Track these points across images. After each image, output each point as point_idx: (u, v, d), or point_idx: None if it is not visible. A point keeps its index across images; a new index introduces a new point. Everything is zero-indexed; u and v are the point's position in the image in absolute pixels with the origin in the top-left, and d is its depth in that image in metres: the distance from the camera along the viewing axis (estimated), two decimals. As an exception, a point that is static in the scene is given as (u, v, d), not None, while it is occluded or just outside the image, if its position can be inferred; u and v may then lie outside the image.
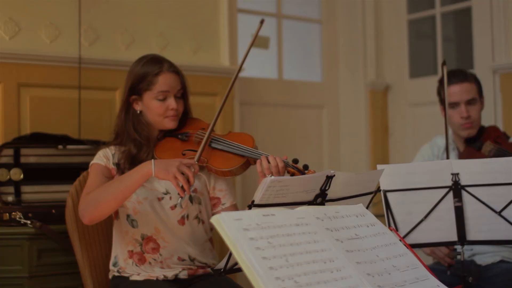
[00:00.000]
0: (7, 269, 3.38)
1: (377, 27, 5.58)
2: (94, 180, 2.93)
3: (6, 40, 3.85)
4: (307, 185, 2.08)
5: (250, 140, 2.92)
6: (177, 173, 2.62)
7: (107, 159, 2.99)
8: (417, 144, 4.10)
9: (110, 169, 2.97)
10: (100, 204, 2.79)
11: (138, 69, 2.98)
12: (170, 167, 2.64)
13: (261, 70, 5.27)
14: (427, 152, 3.78)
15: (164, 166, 2.66)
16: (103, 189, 2.80)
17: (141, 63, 3.00)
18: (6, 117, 3.80)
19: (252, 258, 1.56)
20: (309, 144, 5.43)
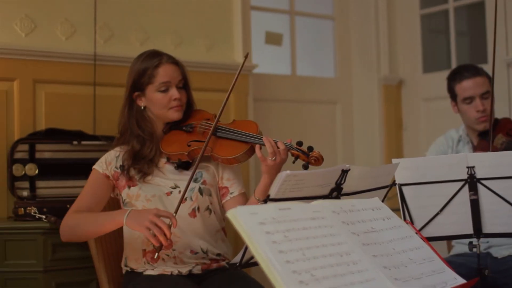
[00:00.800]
0: (22, 263, 3.41)
1: (390, 22, 5.57)
2: (86, 193, 2.96)
3: (22, 36, 3.87)
4: (322, 179, 2.08)
5: (254, 126, 2.91)
6: (150, 225, 2.60)
7: (109, 164, 2.98)
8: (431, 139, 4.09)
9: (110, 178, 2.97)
10: (77, 233, 2.86)
11: (138, 65, 2.97)
12: (143, 219, 2.62)
13: (275, 66, 5.27)
14: (443, 143, 3.77)
15: (137, 218, 2.65)
16: (82, 221, 2.83)
17: (141, 59, 3.00)
18: (22, 113, 3.81)
19: (269, 252, 1.57)
20: (323, 139, 5.43)
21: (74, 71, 4.00)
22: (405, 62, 5.61)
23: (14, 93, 3.82)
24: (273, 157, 2.73)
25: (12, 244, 3.41)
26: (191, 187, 2.93)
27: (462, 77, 3.63)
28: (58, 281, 3.44)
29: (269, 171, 2.77)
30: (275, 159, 2.73)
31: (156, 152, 2.97)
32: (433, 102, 5.38)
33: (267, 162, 2.74)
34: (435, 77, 5.36)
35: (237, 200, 3.01)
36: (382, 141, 5.51)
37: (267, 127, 5.00)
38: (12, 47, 3.81)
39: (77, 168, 3.78)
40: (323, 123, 5.45)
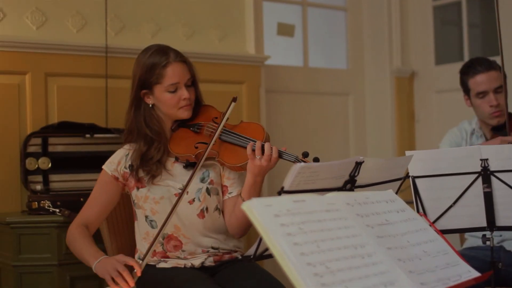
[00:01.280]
0: (37, 257, 3.42)
1: (403, 14, 5.55)
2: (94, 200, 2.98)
3: (33, 30, 3.88)
4: (336, 171, 2.07)
5: (261, 132, 2.85)
6: (111, 271, 2.63)
7: (118, 164, 2.98)
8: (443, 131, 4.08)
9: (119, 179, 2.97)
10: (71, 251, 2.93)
11: (145, 62, 2.92)
12: (107, 265, 2.66)
13: (287, 58, 5.27)
14: (456, 135, 3.75)
15: (103, 265, 2.68)
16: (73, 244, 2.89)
17: (147, 55, 2.93)
18: (34, 106, 3.82)
19: (284, 244, 1.56)
20: (335, 131, 5.42)
21: (85, 63, 4.00)
22: (417, 54, 5.59)
23: (26, 87, 3.83)
24: (258, 155, 2.71)
25: (26, 238, 3.43)
26: (199, 188, 2.92)
27: (475, 71, 3.61)
28: (73, 274, 3.45)
29: (254, 171, 2.75)
30: (260, 158, 2.71)
31: (164, 152, 2.95)
32: (445, 94, 5.37)
33: (254, 161, 2.73)
34: (448, 69, 5.35)
35: (234, 201, 2.98)
36: (394, 133, 5.50)
37: (278, 118, 5.00)
38: (24, 40, 3.81)
39: (90, 161, 3.79)
40: (335, 115, 5.45)
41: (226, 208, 3.00)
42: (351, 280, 1.58)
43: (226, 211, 2.99)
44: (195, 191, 2.91)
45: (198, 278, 2.79)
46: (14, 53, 3.78)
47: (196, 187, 2.92)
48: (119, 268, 2.62)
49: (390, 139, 5.50)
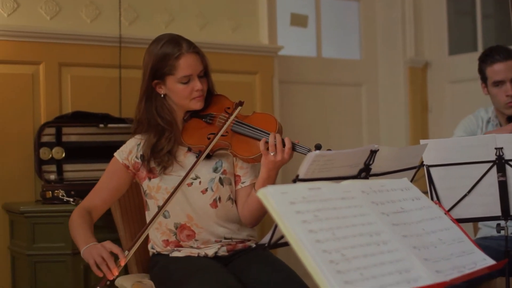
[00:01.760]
0: (51, 246, 3.44)
1: (416, 4, 5.53)
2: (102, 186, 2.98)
3: (47, 20, 3.89)
4: (351, 159, 2.07)
5: (273, 124, 2.83)
6: (95, 256, 2.62)
7: (129, 153, 2.97)
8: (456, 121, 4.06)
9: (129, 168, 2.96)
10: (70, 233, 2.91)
11: (157, 52, 2.90)
12: (93, 252, 2.64)
13: (300, 48, 5.26)
14: (472, 122, 3.73)
15: (90, 250, 2.67)
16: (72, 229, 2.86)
17: (159, 45, 2.91)
18: (48, 96, 3.83)
19: (299, 231, 1.56)
20: (348, 122, 5.42)
21: (99, 53, 4.01)
22: (431, 44, 5.58)
23: (40, 77, 3.84)
24: (272, 152, 2.70)
25: (40, 227, 3.44)
26: (211, 178, 2.92)
27: (494, 60, 3.59)
28: (87, 263, 3.43)
29: (268, 166, 2.74)
30: (274, 154, 2.71)
31: (175, 142, 2.94)
32: (458, 84, 5.35)
33: (268, 156, 2.72)
34: (461, 59, 5.33)
35: (247, 190, 2.99)
36: (408, 124, 5.49)
37: (292, 109, 5.00)
38: (38, 30, 3.82)
39: (103, 151, 3.79)
40: (348, 105, 5.44)
41: (239, 198, 2.99)
42: (366, 268, 1.58)
43: (239, 201, 2.99)
44: (208, 181, 2.91)
45: (211, 267, 2.79)
46: (28, 43, 3.79)
47: (209, 177, 2.91)
48: (104, 255, 2.61)
49: (403, 129, 5.49)
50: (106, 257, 2.61)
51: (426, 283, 1.65)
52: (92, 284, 3.47)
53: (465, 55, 5.30)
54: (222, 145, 2.87)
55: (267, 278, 2.77)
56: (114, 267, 2.60)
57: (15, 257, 3.64)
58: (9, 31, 3.72)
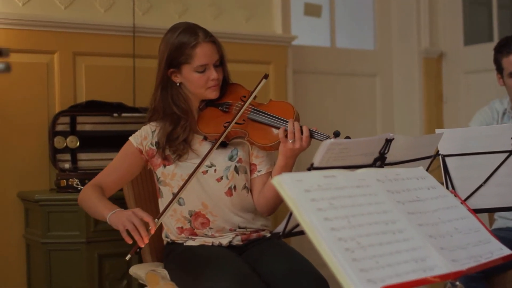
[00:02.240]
0: (66, 235, 3.45)
1: (431, -6, 5.51)
2: (114, 166, 2.98)
3: (61, 9, 3.89)
4: (366, 148, 2.06)
5: (290, 111, 2.83)
6: (126, 222, 2.61)
7: (145, 138, 2.97)
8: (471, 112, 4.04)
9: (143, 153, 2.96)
10: (84, 209, 2.93)
11: (173, 41, 2.89)
12: (121, 216, 2.64)
13: (314, 38, 5.24)
14: (487, 114, 3.70)
15: (118, 215, 2.66)
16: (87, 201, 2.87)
17: (176, 33, 2.91)
18: (62, 85, 3.84)
19: (314, 219, 1.56)
20: (362, 112, 5.40)
21: (113, 43, 4.01)
22: (446, 34, 5.55)
23: (54, 66, 3.85)
24: (291, 139, 2.70)
25: (55, 215, 3.45)
26: (227, 166, 2.92)
27: (510, 50, 3.56)
28: (101, 252, 3.47)
29: (286, 154, 2.74)
30: (293, 142, 2.70)
31: (190, 131, 2.94)
32: (474, 75, 5.32)
33: (286, 144, 2.71)
34: (476, 50, 5.31)
35: (263, 179, 2.98)
36: (422, 115, 5.47)
37: (306, 99, 4.99)
38: (52, 19, 3.83)
39: (117, 140, 3.76)
40: (363, 96, 5.43)
41: (254, 187, 2.99)
42: (382, 256, 1.57)
43: (254, 190, 2.99)
44: (223, 169, 2.90)
45: (226, 256, 2.79)
46: (42, 32, 3.80)
47: (224, 165, 2.91)
48: (135, 222, 2.60)
49: (417, 120, 5.47)
50: (138, 225, 2.59)
51: (442, 272, 1.64)
52: (106, 272, 3.48)
53: (481, 45, 5.28)
54: (239, 133, 2.86)
55: (281, 267, 2.77)
56: (146, 235, 2.59)
57: (30, 245, 3.66)
58: (24, 20, 3.73)
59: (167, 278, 2.95)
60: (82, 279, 3.44)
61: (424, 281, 1.61)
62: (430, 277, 1.61)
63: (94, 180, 2.94)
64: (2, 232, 3.67)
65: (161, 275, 2.97)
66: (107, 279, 3.49)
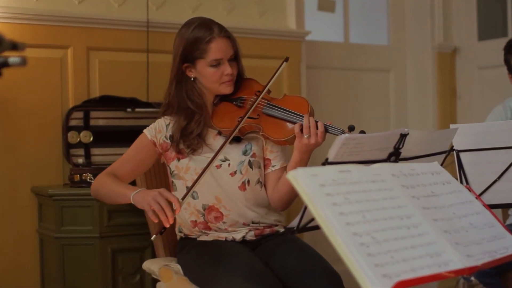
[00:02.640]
0: (79, 229, 3.45)
1: (445, -12, 5.49)
2: (128, 157, 2.99)
3: (75, 4, 3.89)
4: (381, 143, 2.06)
5: (305, 105, 2.83)
6: (152, 202, 2.61)
7: (159, 132, 2.98)
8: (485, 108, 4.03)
9: (157, 145, 2.97)
10: (100, 196, 2.94)
11: (188, 35, 2.90)
12: (147, 196, 2.64)
13: (327, 34, 5.23)
14: (500, 112, 3.69)
15: (142, 195, 2.66)
16: (105, 186, 2.87)
17: (190, 28, 2.91)
18: (76, 80, 3.84)
19: (329, 214, 1.55)
20: (376, 108, 5.39)
21: (127, 38, 4.01)
22: (460, 29, 5.53)
23: (68, 61, 3.85)
24: (306, 134, 2.69)
25: (68, 210, 3.46)
26: (241, 160, 2.92)
27: None
28: (114, 247, 3.47)
29: (301, 149, 2.73)
30: (308, 137, 2.69)
31: (205, 126, 2.95)
32: (488, 70, 5.30)
33: (302, 139, 2.71)
34: (491, 45, 5.28)
35: (277, 174, 2.99)
36: (436, 110, 5.46)
37: (319, 94, 4.98)
38: (66, 14, 3.83)
39: (131, 135, 3.75)
40: (376, 91, 5.41)
41: (268, 182, 2.99)
42: (397, 251, 1.57)
43: (268, 185, 2.99)
44: (237, 163, 2.91)
45: (239, 251, 2.80)
46: (56, 27, 3.80)
47: (238, 159, 2.91)
48: (161, 202, 2.60)
49: (431, 116, 5.45)
50: (164, 205, 2.60)
51: (457, 267, 1.64)
52: (119, 267, 3.48)
53: (495, 40, 5.25)
54: (253, 128, 2.86)
55: (294, 263, 2.77)
56: (171, 215, 2.59)
57: (43, 240, 3.66)
58: (38, 15, 3.73)
59: (180, 273, 2.96)
60: (95, 274, 3.45)
61: (439, 276, 1.61)
62: (445, 272, 1.61)
63: (108, 169, 2.95)
64: (16, 227, 3.68)
65: (174, 270, 2.97)
66: (120, 274, 3.50)
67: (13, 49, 1.42)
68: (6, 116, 3.65)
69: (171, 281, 2.96)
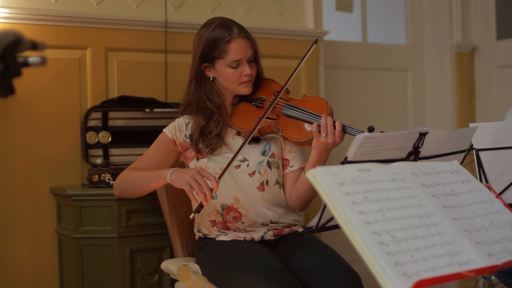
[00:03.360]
0: (98, 229, 3.46)
1: (463, -13, 5.47)
2: (150, 155, 2.98)
3: (93, 5, 3.90)
4: (400, 142, 2.05)
5: (325, 106, 2.83)
6: (191, 180, 2.61)
7: (179, 130, 2.98)
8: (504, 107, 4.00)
9: (177, 144, 2.97)
10: (127, 189, 2.93)
11: (208, 35, 2.90)
12: (185, 175, 2.64)
13: (345, 34, 5.22)
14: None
15: (180, 174, 2.67)
16: (133, 177, 2.88)
17: (210, 28, 2.92)
18: (95, 81, 3.85)
19: (349, 213, 1.55)
20: (394, 107, 5.37)
21: (145, 38, 4.01)
22: (478, 28, 5.50)
23: (86, 61, 3.86)
24: (324, 133, 2.69)
25: (87, 210, 3.46)
26: (260, 160, 2.92)
27: None
28: (132, 247, 3.48)
29: (319, 148, 2.74)
30: (326, 136, 2.69)
31: (224, 125, 2.95)
32: (507, 69, 5.28)
33: (319, 138, 2.71)
34: (509, 44, 5.26)
35: (295, 174, 2.98)
36: (454, 109, 5.43)
37: (337, 94, 4.97)
38: (84, 15, 3.84)
39: (149, 136, 3.77)
40: (394, 91, 5.39)
41: (287, 182, 2.99)
42: (416, 250, 1.57)
43: (287, 185, 2.99)
44: (256, 163, 2.91)
45: (258, 251, 2.80)
46: (75, 28, 3.81)
47: (257, 159, 2.91)
48: (200, 181, 2.62)
49: (450, 115, 5.43)
50: (203, 183, 2.61)
51: (477, 266, 1.63)
52: (138, 267, 3.49)
53: (514, 39, 5.23)
54: (273, 128, 2.87)
55: (313, 262, 2.77)
56: (210, 194, 2.61)
57: (62, 240, 3.67)
58: (57, 16, 3.74)
59: (198, 273, 2.96)
60: (113, 274, 3.46)
61: (459, 275, 1.60)
62: (465, 272, 1.60)
63: (130, 167, 2.95)
64: (35, 227, 3.69)
65: (192, 270, 2.97)
66: (139, 274, 3.50)
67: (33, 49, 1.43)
68: (25, 116, 3.66)
69: (189, 281, 2.97)
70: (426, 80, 5.53)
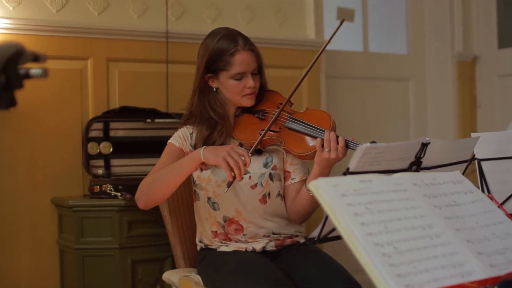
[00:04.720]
0: (99, 240, 3.45)
1: (465, -3, 5.47)
2: (162, 161, 2.94)
3: (95, 15, 3.90)
4: (402, 152, 2.05)
5: (327, 120, 2.82)
6: (227, 156, 2.61)
7: (184, 140, 2.97)
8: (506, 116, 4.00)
9: (185, 153, 2.94)
10: (155, 189, 2.83)
11: (213, 46, 2.90)
12: (220, 151, 2.64)
13: (347, 43, 5.22)
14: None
15: (213, 151, 2.67)
16: (159, 174, 2.82)
17: (215, 39, 2.91)
18: (96, 91, 3.85)
19: (351, 224, 1.55)
20: (395, 117, 5.37)
21: (146, 49, 4.02)
22: (479, 37, 5.50)
23: (88, 72, 3.86)
24: (327, 148, 2.68)
25: (88, 221, 3.46)
26: (262, 173, 2.92)
27: None
28: (134, 258, 3.47)
29: (321, 163, 2.73)
30: (329, 151, 2.68)
31: (227, 136, 2.95)
32: (508, 78, 5.28)
33: (322, 153, 2.70)
34: (511, 53, 5.25)
35: (296, 187, 2.98)
36: (456, 119, 5.43)
37: (339, 104, 4.97)
38: (86, 26, 3.84)
39: (150, 146, 3.81)
40: (396, 100, 5.39)
41: (287, 194, 2.99)
42: (419, 261, 1.56)
43: (287, 197, 2.99)
44: (258, 176, 2.90)
45: (259, 261, 2.79)
46: (76, 39, 3.81)
47: (259, 172, 2.91)
48: (235, 157, 2.62)
49: (451, 125, 5.42)
50: (238, 159, 2.61)
51: (480, 277, 1.63)
52: (139, 277, 3.48)
53: (515, 49, 5.23)
54: (275, 141, 2.86)
55: (315, 273, 2.77)
56: (244, 169, 2.62)
57: (63, 251, 3.67)
58: (58, 27, 3.75)
59: (200, 284, 2.95)
60: (115, 285, 3.45)
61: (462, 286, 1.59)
62: (468, 283, 1.60)
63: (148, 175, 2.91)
64: (36, 238, 3.68)
65: (194, 281, 2.97)
66: (140, 284, 3.49)
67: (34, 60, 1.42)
68: (27, 127, 3.66)
69: (191, 292, 2.96)
70: (427, 90, 5.53)
